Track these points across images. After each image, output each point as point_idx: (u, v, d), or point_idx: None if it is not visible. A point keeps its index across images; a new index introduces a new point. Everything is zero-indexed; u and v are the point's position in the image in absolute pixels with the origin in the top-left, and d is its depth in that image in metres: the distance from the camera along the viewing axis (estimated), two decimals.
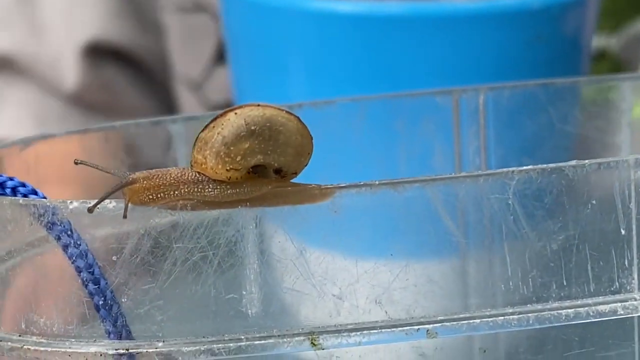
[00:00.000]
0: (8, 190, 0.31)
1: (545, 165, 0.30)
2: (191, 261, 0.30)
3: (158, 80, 0.74)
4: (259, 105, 0.30)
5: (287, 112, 0.30)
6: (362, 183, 0.30)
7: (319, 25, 0.54)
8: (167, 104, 0.74)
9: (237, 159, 0.29)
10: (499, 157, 0.43)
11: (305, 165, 0.31)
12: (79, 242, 0.30)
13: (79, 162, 0.31)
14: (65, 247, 0.30)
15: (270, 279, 0.30)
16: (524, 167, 0.30)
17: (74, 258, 0.30)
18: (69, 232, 0.30)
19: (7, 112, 0.71)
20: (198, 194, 0.30)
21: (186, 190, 0.30)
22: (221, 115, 0.30)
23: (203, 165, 0.30)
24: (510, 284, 0.30)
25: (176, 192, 0.30)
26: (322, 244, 0.30)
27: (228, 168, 0.30)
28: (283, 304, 0.30)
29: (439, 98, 0.43)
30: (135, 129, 0.42)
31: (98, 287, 0.30)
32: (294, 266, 0.30)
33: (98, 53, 0.70)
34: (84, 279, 0.30)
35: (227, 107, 0.31)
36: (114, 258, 0.30)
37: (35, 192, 0.31)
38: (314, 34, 0.54)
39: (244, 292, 0.30)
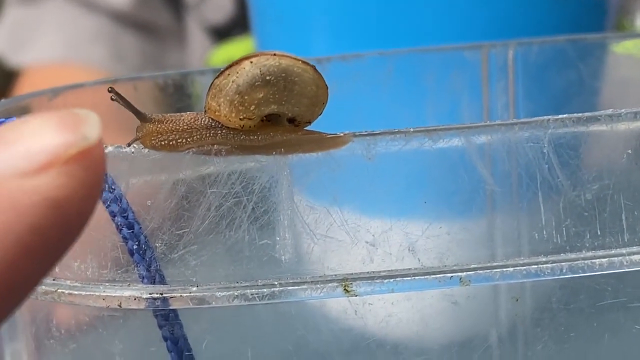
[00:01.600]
0: None
1: (580, 114, 0.30)
2: (225, 206, 0.30)
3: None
4: (274, 54, 0.30)
5: (303, 62, 0.30)
6: (396, 130, 0.30)
7: None
8: (199, 28, 0.76)
9: (251, 108, 0.29)
10: (528, 113, 0.43)
11: (320, 114, 0.31)
12: (113, 187, 0.30)
13: (111, 90, 0.31)
14: None
15: (303, 226, 0.30)
16: (560, 116, 0.30)
17: (108, 202, 0.30)
18: (105, 177, 0.30)
19: (43, 37, 0.74)
20: (210, 139, 0.30)
21: (198, 136, 0.30)
22: (236, 62, 0.30)
23: (217, 113, 0.30)
24: (544, 232, 0.30)
25: (188, 139, 0.30)
26: (355, 191, 0.30)
27: (242, 117, 0.29)
28: (316, 250, 0.30)
29: (467, 53, 0.43)
30: (163, 79, 0.42)
31: (132, 231, 0.30)
32: (327, 213, 0.30)
33: None
34: (118, 223, 0.30)
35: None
36: (148, 203, 0.30)
37: None
38: None
39: (278, 238, 0.30)
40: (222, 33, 0.74)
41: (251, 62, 0.29)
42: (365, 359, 0.32)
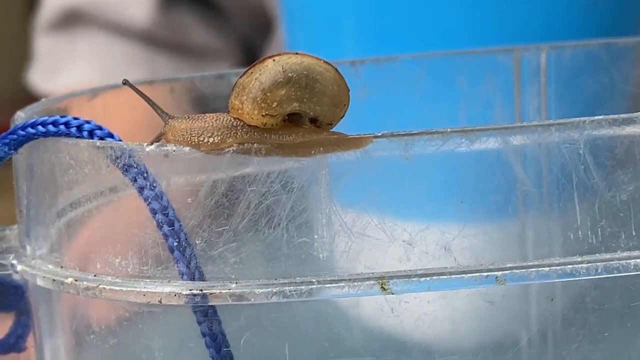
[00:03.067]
0: (85, 133, 0.31)
1: (616, 115, 0.30)
2: (264, 205, 0.30)
3: (227, 18, 0.75)
4: (297, 53, 0.30)
5: (325, 62, 0.30)
6: (434, 130, 0.30)
7: None
8: (235, 43, 0.76)
9: (273, 105, 0.30)
10: (560, 116, 0.43)
11: (342, 117, 0.31)
12: (154, 185, 0.31)
13: (125, 82, 0.32)
14: (140, 190, 0.31)
15: (341, 224, 0.30)
16: (596, 117, 0.30)
17: (149, 200, 0.31)
18: (145, 175, 0.31)
19: (77, 63, 0.74)
20: (231, 139, 0.30)
21: (219, 135, 0.30)
22: (260, 62, 0.30)
23: (239, 111, 0.30)
24: (579, 233, 0.30)
25: (209, 138, 0.30)
26: (393, 190, 0.31)
27: (264, 114, 0.30)
28: (354, 248, 0.30)
29: (500, 56, 0.43)
30: (199, 81, 0.42)
31: (172, 229, 0.31)
32: (364, 212, 0.30)
33: None
34: (159, 220, 0.31)
35: None
36: (189, 200, 0.30)
37: (111, 136, 0.32)
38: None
39: (316, 236, 0.30)
40: None
41: (274, 60, 0.30)
42: (400, 357, 0.33)
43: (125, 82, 0.33)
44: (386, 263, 0.30)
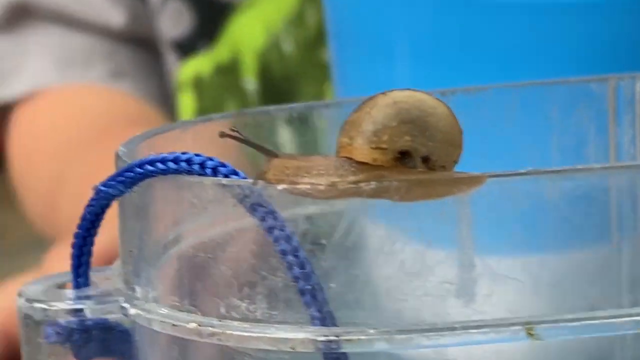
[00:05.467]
0: (208, 171, 0.30)
1: None
2: None
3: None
4: (408, 89, 0.30)
5: (436, 98, 0.30)
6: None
7: (430, 9, 0.53)
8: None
9: (384, 138, 0.29)
10: None
11: (455, 161, 0.30)
12: (284, 225, 0.29)
13: (222, 135, 0.31)
14: (269, 230, 0.29)
15: (484, 266, 0.29)
16: None
17: (278, 241, 0.29)
18: (275, 214, 0.29)
19: (29, 64, 0.70)
20: (338, 178, 0.29)
21: (325, 176, 0.29)
22: (369, 98, 0.30)
23: (349, 147, 0.29)
24: None
25: (315, 180, 0.29)
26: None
27: (374, 147, 0.29)
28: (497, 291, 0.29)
29: (594, 85, 0.42)
30: (288, 112, 0.41)
31: (303, 271, 0.29)
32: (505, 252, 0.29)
33: None
34: (289, 262, 0.29)
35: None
36: (323, 242, 0.29)
37: (236, 173, 0.30)
38: (425, 18, 0.53)
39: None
40: (185, 48, 0.69)
41: (384, 94, 0.30)
42: None
43: (223, 135, 0.32)
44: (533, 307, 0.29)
